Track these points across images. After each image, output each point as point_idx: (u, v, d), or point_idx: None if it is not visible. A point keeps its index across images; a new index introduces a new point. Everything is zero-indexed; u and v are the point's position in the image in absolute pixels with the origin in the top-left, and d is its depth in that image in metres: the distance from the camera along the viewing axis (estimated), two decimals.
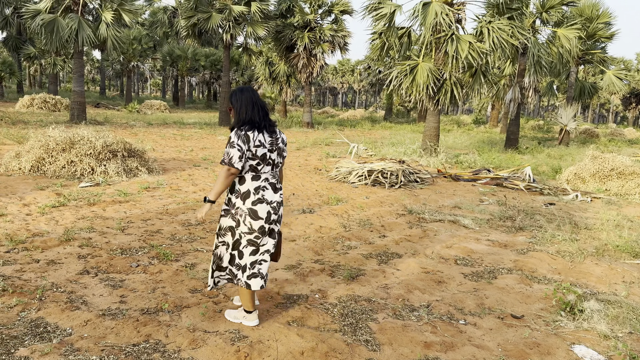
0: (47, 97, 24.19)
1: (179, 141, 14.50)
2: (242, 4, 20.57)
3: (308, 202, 7.38)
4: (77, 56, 17.83)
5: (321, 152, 14.04)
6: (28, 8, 17.15)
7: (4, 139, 11.86)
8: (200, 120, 24.34)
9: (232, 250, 3.26)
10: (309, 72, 22.78)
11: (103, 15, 17.42)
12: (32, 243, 4.63)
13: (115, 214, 6.00)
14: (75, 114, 17.81)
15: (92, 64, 69.88)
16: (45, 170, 8.07)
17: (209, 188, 7.94)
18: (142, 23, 43.36)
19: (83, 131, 8.83)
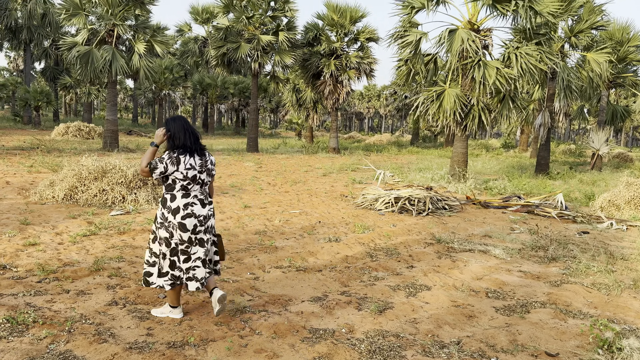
0: (82, 125, 25.00)
1: None
2: (270, 34, 21.02)
3: (334, 230, 7.34)
4: (110, 86, 18.45)
5: (347, 178, 14.03)
6: (65, 40, 17.90)
7: (39, 167, 12.25)
8: (229, 146, 24.73)
9: (172, 257, 3.73)
10: (335, 98, 22.98)
11: (136, 47, 18.04)
12: (62, 273, 4.71)
13: (145, 242, 6.07)
14: (107, 141, 18.33)
15: (126, 92, 72.16)
16: (77, 198, 8.27)
17: (236, 216, 8.00)
18: (174, 53, 44.72)
19: (115, 160, 9.05)
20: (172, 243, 3.70)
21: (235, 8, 20.68)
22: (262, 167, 15.77)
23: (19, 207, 7.62)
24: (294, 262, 5.60)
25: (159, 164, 3.62)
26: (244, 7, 20.72)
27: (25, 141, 19.86)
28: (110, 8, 17.47)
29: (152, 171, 3.65)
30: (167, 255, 3.72)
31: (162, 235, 3.71)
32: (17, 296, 4.10)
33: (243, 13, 20.55)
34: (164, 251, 3.73)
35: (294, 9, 21.08)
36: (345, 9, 22.14)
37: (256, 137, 22.44)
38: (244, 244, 6.29)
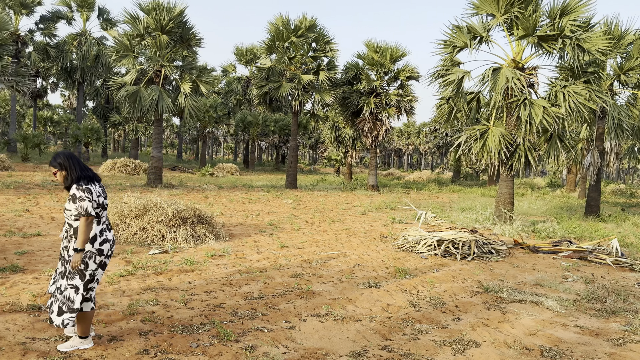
0: (128, 161, 25.79)
1: (246, 205, 14.73)
2: (311, 73, 21.33)
3: (374, 275, 7.05)
4: (157, 124, 19.01)
5: (387, 217, 13.71)
6: (115, 80, 18.68)
7: None
8: (268, 182, 24.88)
9: (84, 291, 3.77)
10: (374, 135, 22.89)
11: (182, 87, 18.62)
12: (97, 316, 4.63)
13: (180, 284, 5.98)
14: (152, 178, 18.75)
15: (171, 129, 74.65)
16: (118, 236, 8.34)
17: (273, 257, 7.84)
18: (218, 92, 46.13)
19: (156, 198, 9.13)
20: (87, 275, 3.78)
21: (277, 49, 21.17)
22: (301, 205, 15.67)
23: (60, 245, 7.72)
24: (332, 310, 5.34)
25: (84, 203, 3.68)
26: (286, 48, 21.18)
27: None
28: (158, 50, 18.19)
29: (88, 215, 3.70)
30: (80, 290, 3.77)
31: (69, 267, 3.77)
32: (49, 341, 4.03)
33: (285, 54, 20.99)
34: (77, 285, 3.77)
35: (334, 50, 21.39)
36: (385, 48, 22.29)
37: (295, 173, 22.50)
38: (280, 288, 6.10)
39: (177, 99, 18.73)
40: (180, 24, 18.21)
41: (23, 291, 5.27)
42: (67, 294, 3.77)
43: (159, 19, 17.64)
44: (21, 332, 4.17)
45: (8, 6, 32.70)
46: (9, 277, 5.77)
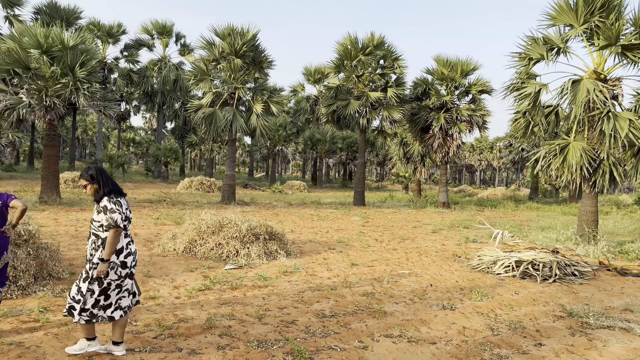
0: (204, 180, 26.94)
1: (315, 222, 14.87)
2: (379, 90, 21.35)
3: (448, 296, 6.84)
4: (230, 143, 19.76)
5: (460, 236, 13.31)
6: (192, 103, 19.68)
7: (164, 220, 13.22)
8: (336, 199, 24.99)
9: (98, 296, 4.00)
10: (444, 151, 22.41)
11: (254, 107, 19.27)
12: (177, 329, 4.84)
13: (254, 299, 6.12)
14: (226, 195, 19.44)
15: (243, 148, 77.24)
16: (195, 252, 8.69)
17: (343, 275, 7.84)
18: (287, 111, 47.26)
19: (231, 215, 9.45)
20: (105, 283, 4.00)
21: (345, 68, 21.41)
22: (369, 222, 15.58)
23: (144, 259, 8.17)
24: (405, 331, 5.24)
25: (115, 215, 3.93)
26: (354, 66, 21.37)
27: (154, 194, 21.76)
28: (232, 73, 18.98)
29: (117, 226, 3.93)
30: (95, 295, 3.99)
31: (95, 275, 3.95)
32: (134, 352, 4.25)
33: (353, 72, 21.18)
34: (95, 289, 3.98)
35: (402, 66, 21.31)
36: (455, 62, 21.89)
37: (363, 190, 22.46)
38: (352, 307, 6.07)
39: (249, 119, 19.39)
40: (253, 48, 18.92)
41: None
42: (85, 295, 3.99)
43: (233, 44, 18.44)
44: (109, 343, 4.43)
45: (97, 36, 35.48)
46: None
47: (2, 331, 4.54)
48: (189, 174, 47.68)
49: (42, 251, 6.45)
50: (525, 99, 12.06)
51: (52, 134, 15.93)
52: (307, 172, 66.18)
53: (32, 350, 4.14)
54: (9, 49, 15.17)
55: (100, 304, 4.03)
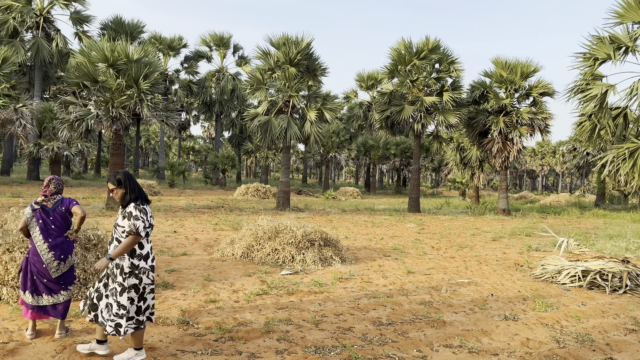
0: (259, 186, 27.46)
1: (369, 228, 14.78)
2: (434, 95, 21.01)
3: (510, 306, 6.60)
4: (285, 150, 20.05)
5: (521, 244, 12.82)
6: (248, 112, 20.15)
7: (223, 225, 13.57)
8: (390, 206, 24.75)
9: (139, 303, 4.10)
10: (504, 156, 21.70)
11: (308, 115, 19.47)
12: (237, 333, 4.94)
13: (310, 305, 6.15)
14: (280, 202, 19.72)
15: (297, 155, 78.18)
16: (253, 257, 8.86)
17: (399, 282, 7.74)
18: (340, 118, 47.41)
19: (286, 221, 9.57)
20: (140, 288, 4.09)
21: (399, 73, 21.24)
22: (425, 229, 15.31)
23: (204, 264, 8.42)
24: (466, 341, 5.10)
25: (138, 222, 3.98)
26: (408, 71, 21.16)
27: (213, 200, 22.39)
28: (287, 82, 19.28)
29: (137, 234, 3.97)
30: (135, 302, 4.07)
31: (131, 284, 4.04)
32: (196, 354, 4.38)
33: (407, 77, 20.97)
34: (133, 297, 4.06)
35: (459, 69, 20.88)
36: (515, 64, 21.20)
37: (418, 196, 22.11)
38: (409, 315, 5.98)
39: (303, 127, 19.60)
40: (307, 56, 19.15)
41: (173, 306, 5.82)
42: (126, 306, 4.03)
43: (287, 53, 18.75)
44: (172, 345, 4.59)
45: (159, 49, 37.08)
46: (161, 293, 6.42)
47: (75, 331, 4.80)
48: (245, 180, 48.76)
49: None
50: (591, 101, 11.51)
51: (118, 144, 16.77)
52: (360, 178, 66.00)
53: None
54: (78, 63, 16.14)
55: (142, 309, 4.14)
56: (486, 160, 26.68)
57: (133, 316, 4.08)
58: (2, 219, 6.66)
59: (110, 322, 4.06)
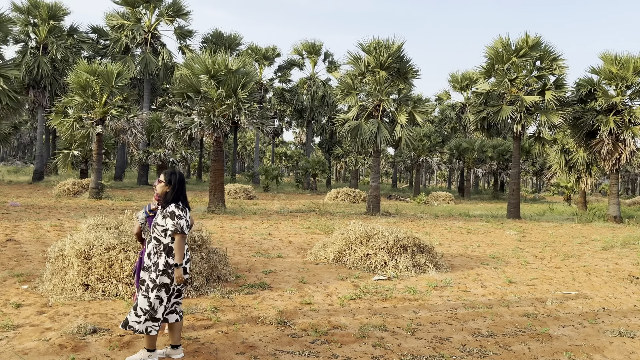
0: (349, 190, 27.61)
1: (465, 235, 14.26)
2: (535, 94, 19.84)
3: (625, 322, 6.02)
4: (375, 155, 19.98)
5: (636, 254, 11.66)
6: (339, 117, 20.37)
7: (314, 229, 13.80)
8: (486, 211, 23.70)
9: (167, 303, 4.11)
10: (615, 159, 19.92)
11: (398, 118, 19.26)
12: (332, 336, 4.98)
13: (405, 312, 6.05)
14: (370, 206, 19.67)
15: (386, 159, 77.57)
16: (345, 261, 8.91)
17: (499, 292, 7.37)
18: (432, 120, 46.36)
19: (378, 226, 9.51)
20: (171, 288, 4.11)
21: (497, 72, 20.32)
22: (526, 237, 14.46)
23: (298, 266, 8.61)
24: (575, 357, 4.73)
25: (182, 222, 4.09)
26: (507, 70, 20.18)
27: (304, 204, 22.88)
28: (377, 86, 19.23)
29: (183, 232, 4.08)
30: (164, 302, 4.10)
31: (163, 282, 4.08)
32: (294, 355, 4.48)
33: (505, 76, 20.00)
34: (163, 297, 4.08)
35: (562, 67, 19.54)
36: (627, 59, 19.41)
37: (518, 202, 20.95)
38: (511, 327, 5.67)
39: (393, 130, 19.41)
40: (398, 59, 18.97)
41: (271, 307, 6.01)
42: (153, 304, 4.05)
43: (378, 57, 18.70)
44: (271, 345, 4.74)
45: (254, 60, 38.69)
46: (259, 293, 6.65)
47: (182, 327, 5.12)
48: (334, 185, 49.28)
49: (212, 255, 7.16)
50: None
51: (218, 150, 17.71)
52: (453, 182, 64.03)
53: (206, 346, 4.60)
54: (183, 76, 17.30)
55: (165, 311, 4.14)
56: (594, 163, 24.67)
57: (159, 318, 4.09)
58: (117, 221, 7.30)
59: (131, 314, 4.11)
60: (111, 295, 6.03)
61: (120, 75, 19.72)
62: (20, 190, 22.76)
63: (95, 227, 6.86)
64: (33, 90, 29.84)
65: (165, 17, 32.34)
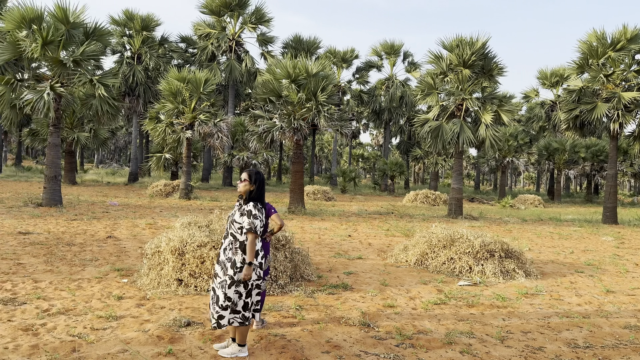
0: (428, 193, 27.02)
1: (556, 240, 13.45)
2: (635, 90, 18.31)
3: None
4: (457, 156, 19.40)
5: None
6: (419, 117, 19.99)
7: (394, 231, 13.65)
8: (579, 216, 22.20)
9: (246, 298, 4.27)
10: None
11: (483, 118, 18.56)
12: (417, 340, 4.90)
13: (493, 320, 5.82)
14: (452, 209, 19.12)
15: (468, 160, 75.07)
16: (427, 264, 8.73)
17: (596, 302, 6.87)
18: (519, 120, 44.22)
19: (462, 229, 9.22)
20: (249, 284, 4.26)
21: (590, 67, 18.99)
22: (625, 243, 13.37)
23: (379, 268, 8.56)
24: None
25: (257, 221, 4.24)
26: (602, 65, 18.80)
27: (382, 206, 22.71)
28: (460, 84, 18.67)
29: (256, 232, 4.22)
30: (243, 297, 4.25)
31: (240, 278, 4.22)
32: (379, 357, 4.45)
33: (600, 71, 18.64)
34: (241, 292, 4.24)
35: None
36: None
37: (615, 206, 19.42)
38: (610, 339, 5.27)
39: (477, 131, 18.75)
40: (482, 56, 18.30)
41: (354, 307, 6.02)
42: (233, 299, 4.22)
43: (461, 55, 18.16)
44: (355, 345, 4.75)
45: (333, 63, 39.05)
46: (342, 294, 6.69)
47: (269, 323, 5.27)
48: (413, 187, 48.47)
49: (295, 255, 7.32)
50: None
51: (298, 153, 18.06)
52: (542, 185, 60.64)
53: (292, 344, 4.70)
54: (265, 81, 17.83)
55: (249, 306, 4.29)
56: None
57: (239, 310, 4.25)
58: (208, 220, 7.66)
59: (214, 314, 4.27)
60: (203, 290, 6.34)
61: (207, 82, 20.72)
62: (117, 191, 24.60)
63: (187, 225, 7.25)
64: (128, 97, 32.15)
65: (248, 25, 33.52)
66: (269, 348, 4.55)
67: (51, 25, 14.95)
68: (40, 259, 8.03)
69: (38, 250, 8.76)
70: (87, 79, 15.80)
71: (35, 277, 6.83)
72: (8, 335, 4.61)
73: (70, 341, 4.51)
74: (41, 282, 6.62)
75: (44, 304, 5.65)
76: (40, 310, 5.40)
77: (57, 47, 15.21)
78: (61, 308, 5.50)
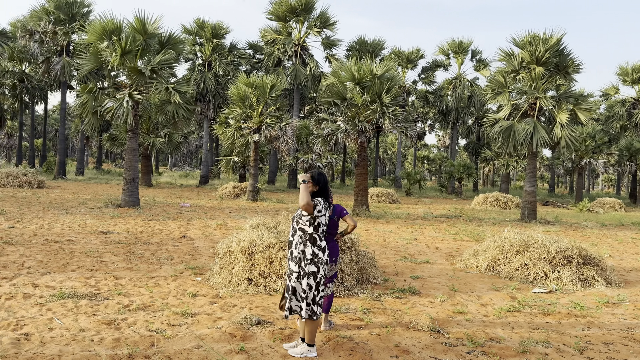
0: (499, 196, 26.03)
1: (639, 247, 12.55)
2: None
3: None
4: (530, 157, 18.58)
5: None
6: (489, 117, 19.34)
7: (462, 235, 13.28)
8: None
9: (314, 291, 4.33)
10: None
11: (558, 117, 17.67)
12: (489, 348, 4.74)
13: (571, 329, 5.52)
14: (525, 212, 18.32)
15: (542, 162, 71.66)
16: (499, 270, 8.42)
17: None
18: (597, 119, 41.71)
19: (537, 234, 8.81)
20: (318, 277, 4.33)
21: None
22: None
23: (447, 273, 8.36)
24: None
25: (319, 204, 4.37)
26: None
27: (449, 210, 22.15)
28: (533, 82, 17.89)
29: (314, 207, 4.32)
30: (313, 289, 4.32)
31: (310, 270, 4.33)
32: None
33: None
34: (311, 284, 4.32)
35: None
36: None
37: None
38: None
39: (552, 131, 17.87)
40: (557, 53, 17.42)
41: (422, 312, 5.93)
42: (307, 292, 4.32)
43: (534, 52, 17.39)
44: (425, 351, 4.67)
45: (398, 64, 38.64)
46: (409, 298, 6.60)
47: (336, 325, 5.30)
48: (482, 189, 46.88)
49: (361, 257, 7.31)
50: None
51: (362, 155, 18.03)
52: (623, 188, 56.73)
53: (360, 346, 4.70)
54: (329, 84, 17.96)
55: (316, 299, 4.34)
56: None
57: (310, 303, 4.33)
58: (276, 221, 7.83)
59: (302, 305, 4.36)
60: (271, 290, 6.49)
61: (274, 87, 21.17)
62: (189, 193, 25.68)
63: (256, 226, 7.45)
64: (200, 103, 33.49)
65: (313, 29, 33.91)
66: (337, 349, 4.57)
67: (129, 35, 15.88)
68: (120, 257, 8.54)
69: (118, 248, 9.33)
70: (162, 86, 16.65)
71: (116, 274, 7.28)
72: (93, 328, 4.94)
73: (149, 336, 4.77)
74: (122, 279, 7.04)
75: (124, 299, 6.00)
76: (121, 305, 5.74)
77: (134, 56, 16.14)
78: (140, 304, 5.82)
